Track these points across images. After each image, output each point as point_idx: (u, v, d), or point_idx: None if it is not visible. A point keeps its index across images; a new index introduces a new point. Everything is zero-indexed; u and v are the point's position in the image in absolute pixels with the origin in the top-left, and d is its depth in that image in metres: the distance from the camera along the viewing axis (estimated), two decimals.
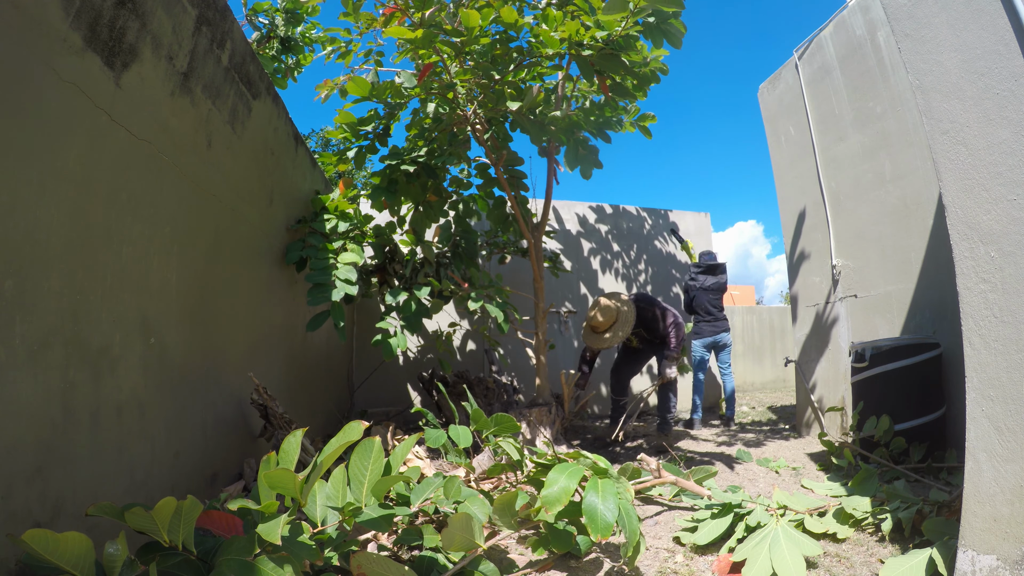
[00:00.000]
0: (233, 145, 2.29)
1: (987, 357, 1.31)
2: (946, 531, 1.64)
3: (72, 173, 1.33)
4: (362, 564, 1.31)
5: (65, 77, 1.29)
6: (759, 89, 4.71)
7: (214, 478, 2.10)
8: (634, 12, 2.43)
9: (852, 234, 3.69)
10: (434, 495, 1.73)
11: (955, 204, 1.39)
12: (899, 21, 1.53)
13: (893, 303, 3.35)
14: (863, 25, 3.50)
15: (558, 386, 5.19)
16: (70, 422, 1.31)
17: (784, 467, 3.04)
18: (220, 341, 2.21)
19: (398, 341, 3.29)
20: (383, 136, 3.40)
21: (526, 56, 2.93)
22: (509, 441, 2.04)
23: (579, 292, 5.84)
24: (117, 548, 1.00)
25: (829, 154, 3.88)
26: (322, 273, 2.95)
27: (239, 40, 2.27)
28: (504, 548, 1.89)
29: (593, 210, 6.06)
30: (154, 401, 1.69)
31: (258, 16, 4.82)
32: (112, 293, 1.49)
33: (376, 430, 3.37)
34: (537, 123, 3.15)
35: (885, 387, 2.91)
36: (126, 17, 1.50)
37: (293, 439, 1.27)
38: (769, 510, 2.01)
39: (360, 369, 5.00)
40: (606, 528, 1.51)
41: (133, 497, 1.53)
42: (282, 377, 2.98)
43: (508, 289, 3.68)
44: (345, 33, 3.44)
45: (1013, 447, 1.24)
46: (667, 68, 3.17)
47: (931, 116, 1.44)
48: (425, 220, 3.74)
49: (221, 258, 2.22)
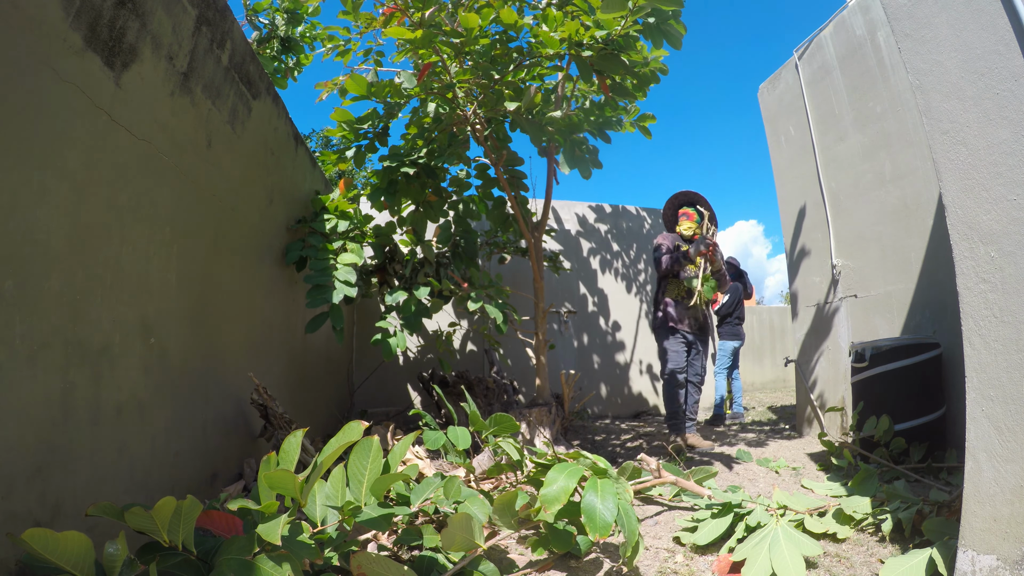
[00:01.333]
0: (233, 145, 2.29)
1: (987, 357, 1.31)
2: (946, 531, 1.64)
3: (72, 173, 1.33)
4: (362, 564, 1.31)
5: (65, 77, 1.29)
6: (759, 89, 4.71)
7: (214, 478, 2.10)
8: (633, 11, 2.43)
9: (852, 234, 3.69)
10: (434, 495, 1.73)
11: (955, 204, 1.39)
12: (899, 21, 1.53)
13: (893, 303, 3.35)
14: (863, 25, 3.50)
15: (558, 386, 5.19)
16: (70, 422, 1.31)
17: (784, 467, 3.04)
18: (220, 341, 2.21)
19: (398, 341, 3.29)
20: (382, 135, 3.40)
21: (526, 56, 2.93)
22: (509, 441, 2.04)
23: (579, 292, 5.84)
24: (117, 548, 1.00)
25: (829, 154, 3.88)
26: (322, 274, 2.95)
27: (239, 40, 2.27)
28: (504, 548, 1.89)
29: (593, 210, 6.06)
30: (154, 401, 1.69)
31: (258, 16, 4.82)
32: (112, 293, 1.49)
33: (376, 430, 3.37)
34: (536, 123, 3.15)
35: (885, 387, 2.91)
36: (126, 17, 1.50)
37: (293, 439, 1.27)
38: (769, 510, 2.01)
39: (360, 369, 5.00)
40: (604, 528, 1.51)
41: (133, 497, 1.53)
42: (282, 377, 2.98)
43: (508, 289, 3.68)
44: (344, 32, 3.44)
45: (1013, 447, 1.24)
46: (667, 68, 3.17)
47: (931, 116, 1.44)
48: (425, 220, 3.74)
49: (221, 258, 2.22)
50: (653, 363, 5.96)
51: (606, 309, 5.92)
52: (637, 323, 6.00)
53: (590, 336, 5.82)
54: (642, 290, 6.09)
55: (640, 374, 5.91)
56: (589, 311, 5.85)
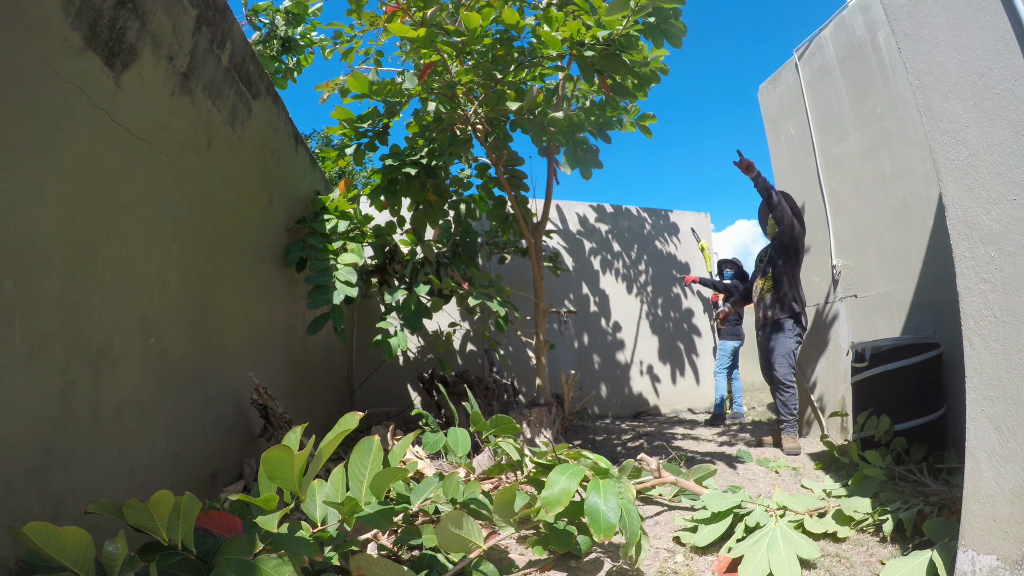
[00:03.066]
0: (233, 145, 2.29)
1: (987, 357, 1.31)
2: (947, 532, 1.63)
3: (72, 173, 1.33)
4: (361, 565, 1.31)
5: (65, 77, 1.29)
6: (759, 89, 4.71)
7: (214, 478, 2.10)
8: (635, 11, 2.43)
9: (852, 234, 3.68)
10: (434, 495, 1.73)
11: (955, 204, 1.39)
12: (899, 21, 1.53)
13: (893, 303, 3.34)
14: (863, 25, 3.49)
15: (558, 386, 5.19)
16: (70, 422, 1.31)
17: (784, 467, 3.04)
18: (220, 341, 2.21)
19: (398, 341, 3.28)
20: (383, 135, 3.40)
21: (527, 56, 2.93)
22: (509, 441, 2.04)
23: (579, 292, 5.84)
24: (117, 546, 1.00)
25: (829, 154, 3.88)
26: (322, 275, 2.95)
27: (239, 40, 2.27)
28: (504, 548, 1.89)
29: (593, 210, 6.06)
30: (154, 401, 1.69)
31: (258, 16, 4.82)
32: (112, 293, 1.49)
33: (376, 430, 3.37)
34: (537, 123, 3.15)
35: (885, 387, 2.91)
36: (126, 17, 1.50)
37: (293, 435, 1.27)
38: (769, 510, 2.01)
39: (360, 369, 5.00)
40: (609, 528, 1.51)
41: (133, 497, 1.52)
42: (282, 377, 2.98)
43: (508, 289, 3.68)
44: (348, 29, 3.44)
45: (1013, 447, 1.24)
46: (667, 68, 3.17)
47: (931, 116, 1.44)
48: (425, 220, 3.74)
49: (221, 258, 2.22)
50: (653, 363, 5.96)
51: (607, 309, 5.93)
52: (637, 323, 6.00)
53: (590, 336, 5.82)
54: (642, 291, 6.09)
55: (640, 374, 5.91)
56: (590, 311, 5.85)
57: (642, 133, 3.86)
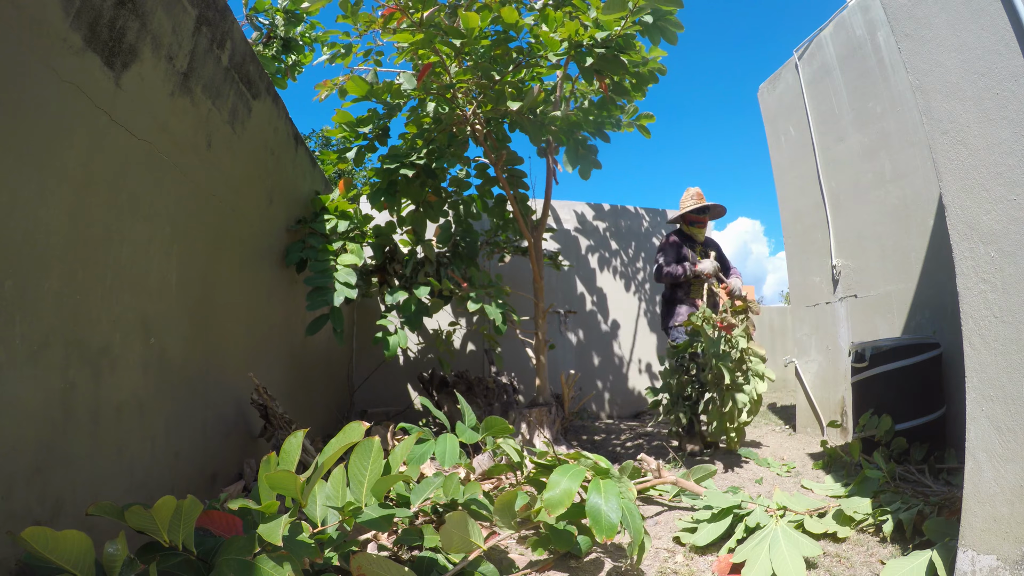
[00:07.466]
0: (233, 145, 2.29)
1: (987, 357, 1.31)
2: (947, 532, 1.63)
3: (72, 173, 1.32)
4: (362, 565, 1.31)
5: (65, 77, 1.29)
6: (759, 89, 4.71)
7: (214, 478, 2.10)
8: (633, 11, 2.43)
9: (852, 234, 3.69)
10: (434, 495, 1.73)
11: (955, 204, 1.39)
12: (899, 21, 1.53)
13: (893, 303, 3.34)
14: (863, 25, 3.49)
15: (558, 386, 5.19)
16: (70, 422, 1.31)
17: (784, 467, 3.04)
18: (220, 341, 2.20)
19: (398, 339, 3.28)
20: (382, 136, 3.40)
21: (526, 56, 2.93)
22: (509, 442, 2.04)
23: (578, 291, 5.84)
24: (117, 548, 0.99)
25: (829, 154, 3.88)
26: (322, 276, 2.95)
27: (239, 40, 2.27)
28: (504, 548, 1.89)
29: (592, 208, 6.06)
30: (154, 401, 1.69)
31: (258, 16, 4.82)
32: (112, 293, 1.49)
33: (376, 430, 3.37)
34: (536, 123, 3.15)
35: (885, 387, 2.91)
36: (126, 17, 1.50)
37: (294, 440, 1.27)
38: (769, 511, 2.01)
39: (360, 369, 4.99)
40: (611, 529, 1.51)
41: (133, 497, 1.53)
42: (282, 377, 2.98)
43: (508, 289, 3.68)
44: (344, 36, 3.44)
45: (1013, 447, 1.24)
46: (665, 68, 3.17)
47: (931, 116, 1.44)
48: (425, 220, 3.74)
49: (221, 258, 2.22)
50: (653, 363, 5.96)
51: (605, 308, 5.92)
52: (636, 322, 6.00)
53: (590, 336, 5.82)
54: (640, 289, 6.08)
55: (640, 374, 5.91)
56: (588, 310, 5.85)
57: (641, 133, 3.86)
